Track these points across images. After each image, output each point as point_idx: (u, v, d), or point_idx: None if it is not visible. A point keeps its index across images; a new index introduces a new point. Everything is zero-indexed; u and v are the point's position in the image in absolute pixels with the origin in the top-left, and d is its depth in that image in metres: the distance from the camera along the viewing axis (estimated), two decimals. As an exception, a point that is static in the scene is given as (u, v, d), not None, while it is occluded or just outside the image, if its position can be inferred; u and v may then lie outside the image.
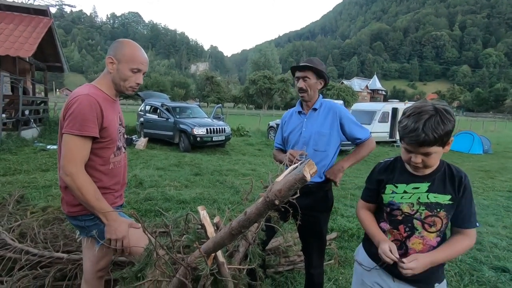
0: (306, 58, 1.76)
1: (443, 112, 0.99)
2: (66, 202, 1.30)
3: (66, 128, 1.17)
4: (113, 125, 1.30)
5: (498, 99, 74.52)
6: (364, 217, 1.26)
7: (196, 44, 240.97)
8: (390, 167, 1.22)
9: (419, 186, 1.11)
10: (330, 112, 1.69)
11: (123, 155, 1.42)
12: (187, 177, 5.44)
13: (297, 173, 0.77)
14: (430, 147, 1.00)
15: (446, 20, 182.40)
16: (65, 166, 1.17)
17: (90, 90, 1.23)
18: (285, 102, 54.20)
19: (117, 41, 1.32)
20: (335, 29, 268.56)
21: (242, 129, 12.75)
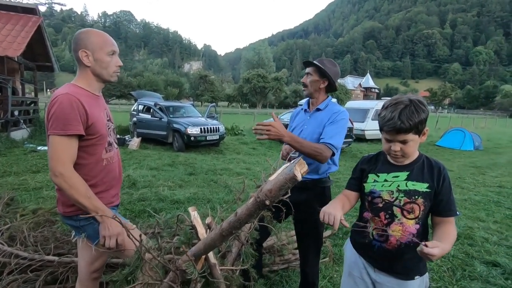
0: (318, 59, 1.76)
1: (417, 102, 1.09)
2: (62, 202, 1.28)
3: (50, 129, 1.16)
4: (100, 120, 1.28)
5: (488, 96, 75.81)
6: (339, 198, 1.29)
7: (189, 43, 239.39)
8: (373, 159, 1.30)
9: (398, 175, 1.18)
10: (328, 114, 1.69)
11: (115, 151, 1.41)
12: (181, 176, 5.40)
13: (288, 172, 0.77)
14: (407, 134, 1.09)
15: (437, 19, 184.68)
16: (53, 167, 1.15)
17: (69, 89, 1.20)
18: (279, 100, 54.25)
19: (79, 33, 1.26)
20: (328, 28, 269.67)
21: (236, 128, 12.72)
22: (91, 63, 1.25)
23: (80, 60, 1.25)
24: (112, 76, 1.32)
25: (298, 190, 1.38)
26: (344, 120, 1.67)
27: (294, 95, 55.85)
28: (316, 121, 1.71)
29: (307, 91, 1.75)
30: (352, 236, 1.36)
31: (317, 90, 1.72)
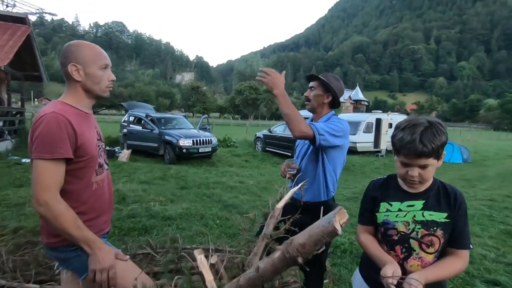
0: (323, 74, 1.72)
1: (437, 124, 1.02)
2: (46, 232, 1.15)
3: (35, 152, 1.04)
4: (90, 141, 1.17)
5: (472, 110, 78.25)
6: (365, 241, 1.18)
7: (181, 54, 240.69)
8: (383, 184, 1.20)
9: (414, 204, 1.09)
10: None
11: (106, 173, 1.29)
12: (172, 191, 5.24)
13: (325, 224, 0.64)
14: (428, 159, 1.00)
15: (422, 35, 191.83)
16: (37, 195, 1.03)
17: (56, 107, 1.09)
18: (270, 112, 54.56)
19: (69, 45, 1.16)
20: (319, 41, 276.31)
21: (228, 140, 12.62)
22: (81, 78, 1.15)
23: (70, 75, 1.14)
24: (105, 92, 1.22)
25: (300, 212, 1.29)
26: (338, 122, 1.59)
27: (285, 106, 56.34)
28: None
29: (309, 106, 1.71)
30: (364, 270, 1.24)
31: (320, 105, 1.68)
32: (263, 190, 5.84)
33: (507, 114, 64.23)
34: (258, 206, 4.64)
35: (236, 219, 3.94)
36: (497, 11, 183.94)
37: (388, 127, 13.19)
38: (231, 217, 4.05)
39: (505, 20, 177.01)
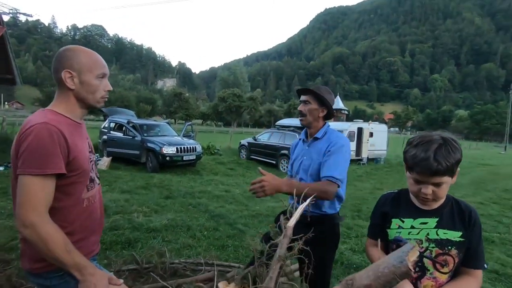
0: (315, 85, 1.70)
1: (451, 141, 0.98)
2: (29, 256, 1.01)
3: (22, 167, 0.92)
4: (82, 153, 1.06)
5: (445, 120, 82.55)
6: (374, 254, 1.15)
7: (163, 60, 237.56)
8: (394, 199, 1.16)
9: (427, 221, 1.06)
10: (327, 142, 1.59)
11: (97, 188, 1.18)
12: (156, 201, 5.05)
13: (396, 263, 0.57)
14: (442, 177, 0.97)
15: (398, 48, 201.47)
16: (23, 215, 0.91)
17: (47, 117, 0.98)
18: (254, 119, 54.81)
19: (65, 50, 1.06)
20: (301, 51, 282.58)
21: (212, 148, 12.46)
22: (75, 86, 1.04)
23: (62, 82, 1.03)
24: (99, 102, 1.11)
25: (306, 226, 1.24)
26: (344, 147, 1.55)
27: (268, 114, 56.81)
28: (315, 151, 1.62)
29: (305, 121, 1.64)
30: None
31: (316, 118, 1.64)
32: (249, 199, 5.76)
33: (476, 125, 68.29)
34: (246, 215, 4.57)
35: (225, 230, 3.84)
36: (465, 29, 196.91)
37: (369, 136, 13.57)
38: (219, 227, 3.94)
39: (472, 37, 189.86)
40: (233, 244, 3.44)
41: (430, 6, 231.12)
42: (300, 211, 1.03)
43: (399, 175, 10.73)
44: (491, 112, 66.65)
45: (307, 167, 1.60)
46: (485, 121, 65.90)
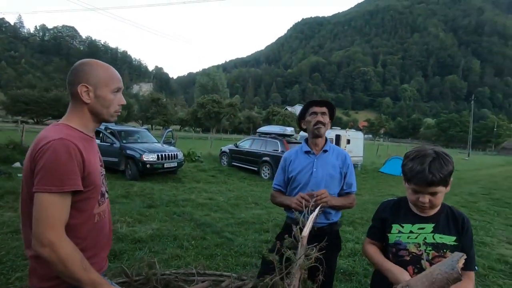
0: (321, 99, 1.81)
1: (443, 155, 1.10)
2: (39, 275, 0.99)
3: (39, 184, 0.90)
4: (95, 168, 1.06)
5: (415, 128, 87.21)
6: (372, 252, 1.27)
7: (139, 64, 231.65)
8: (395, 206, 1.28)
9: (424, 227, 1.17)
10: (339, 157, 1.72)
11: (106, 202, 1.17)
12: (139, 210, 4.92)
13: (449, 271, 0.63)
14: (437, 187, 1.08)
15: (371, 58, 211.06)
16: (41, 234, 0.89)
17: (63, 132, 0.98)
18: (233, 126, 54.69)
19: (81, 64, 1.06)
20: (278, 59, 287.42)
21: (193, 154, 12.30)
22: (90, 100, 1.05)
23: (78, 96, 1.03)
24: (112, 116, 1.12)
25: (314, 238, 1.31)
26: (351, 163, 1.77)
27: (247, 121, 56.96)
28: (326, 163, 1.71)
29: (323, 130, 1.71)
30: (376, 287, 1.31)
31: (326, 130, 1.75)
32: (234, 206, 5.76)
33: (443, 132, 72.72)
34: (232, 223, 4.58)
35: (212, 239, 3.82)
36: (431, 42, 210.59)
37: (346, 143, 14.04)
38: (206, 236, 3.92)
39: (438, 50, 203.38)
40: (222, 252, 3.44)
41: (399, 20, 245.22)
42: (312, 221, 1.09)
43: (375, 181, 11.18)
44: (455, 120, 71.38)
45: (320, 179, 1.67)
46: (450, 129, 70.42)
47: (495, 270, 3.38)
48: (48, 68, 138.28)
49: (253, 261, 3.16)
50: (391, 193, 8.32)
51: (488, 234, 4.76)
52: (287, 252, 0.95)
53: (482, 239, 4.42)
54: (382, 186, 10.05)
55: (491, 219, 5.82)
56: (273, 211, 5.46)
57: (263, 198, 6.69)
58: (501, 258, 3.72)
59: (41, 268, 0.99)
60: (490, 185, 10.82)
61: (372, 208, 6.02)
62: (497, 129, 63.07)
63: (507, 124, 67.33)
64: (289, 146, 9.70)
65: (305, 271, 0.91)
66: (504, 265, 3.53)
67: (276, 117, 52.09)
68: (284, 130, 10.75)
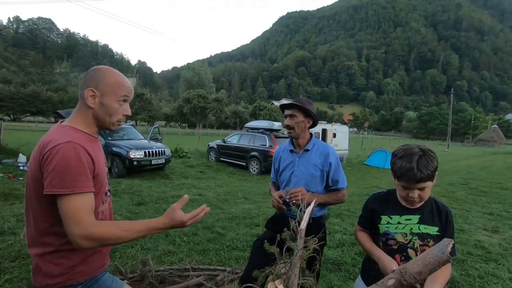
0: (295, 98, 1.82)
1: (428, 152, 1.17)
2: (45, 273, 1.01)
3: (48, 187, 0.93)
4: (102, 168, 1.09)
5: (397, 121, 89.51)
6: (362, 237, 1.37)
7: (121, 58, 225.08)
8: (383, 198, 1.36)
9: (411, 218, 1.26)
10: (322, 155, 1.75)
11: (109, 199, 1.20)
12: (128, 207, 4.88)
13: (440, 254, 0.75)
14: (425, 183, 1.16)
15: (355, 53, 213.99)
16: (72, 234, 0.93)
17: (70, 135, 0.99)
18: (219, 121, 54.34)
19: (95, 71, 1.09)
20: (264, 53, 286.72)
21: (181, 150, 12.19)
22: (95, 105, 1.07)
23: (85, 99, 1.07)
24: (114, 125, 1.13)
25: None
26: (337, 158, 1.79)
27: (234, 116, 56.73)
28: (307, 162, 1.76)
29: (294, 133, 1.76)
30: (367, 276, 1.37)
31: (303, 130, 1.78)
32: (223, 202, 5.80)
33: (424, 125, 75.05)
34: (222, 218, 4.62)
35: (204, 234, 3.86)
36: (412, 37, 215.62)
37: (333, 136, 14.29)
38: (198, 232, 3.94)
39: (419, 45, 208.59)
40: (214, 247, 3.49)
41: (382, 14, 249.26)
42: (309, 214, 1.15)
43: (360, 174, 11.48)
44: (435, 113, 73.79)
45: (299, 178, 1.73)
46: (431, 122, 72.77)
47: (473, 255, 3.60)
48: (24, 62, 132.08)
49: (246, 255, 3.22)
50: (376, 185, 8.58)
51: (466, 221, 5.02)
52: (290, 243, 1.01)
53: (460, 227, 4.66)
54: (367, 178, 10.34)
55: (469, 207, 6.13)
56: (263, 205, 5.54)
57: (253, 192, 6.77)
58: (478, 244, 3.95)
59: (46, 266, 1.01)
60: (468, 175, 11.34)
61: (358, 200, 6.22)
62: (474, 121, 65.80)
63: (483, 116, 70.33)
64: (277, 141, 9.80)
65: (304, 261, 0.98)
66: (481, 250, 3.76)
67: (263, 111, 52.16)
68: (271, 125, 10.82)
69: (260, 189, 7.29)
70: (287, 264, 0.91)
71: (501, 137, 52.19)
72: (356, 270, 3.04)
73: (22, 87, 42.30)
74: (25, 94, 39.13)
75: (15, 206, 4.57)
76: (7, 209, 4.34)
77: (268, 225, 1.89)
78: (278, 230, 1.24)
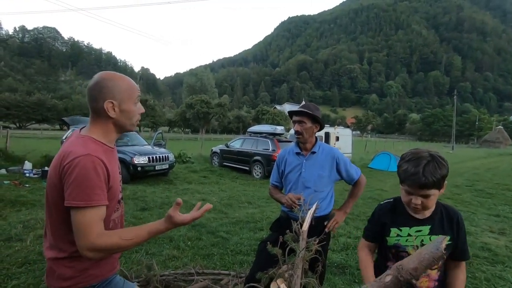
0: (303, 104, 1.88)
1: (438, 158, 1.11)
2: (57, 276, 1.04)
3: (69, 199, 0.96)
4: (116, 179, 1.12)
5: (400, 123, 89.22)
6: (363, 258, 1.32)
7: (125, 65, 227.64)
8: (392, 209, 1.30)
9: (421, 229, 1.21)
10: (328, 156, 1.82)
11: (121, 207, 1.23)
12: (133, 213, 4.90)
13: (434, 250, 0.76)
14: (429, 190, 1.10)
15: (357, 56, 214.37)
16: (81, 246, 0.96)
17: (89, 147, 1.02)
18: (222, 126, 54.51)
19: (104, 80, 1.07)
20: (266, 58, 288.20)
21: (184, 156, 12.24)
22: (116, 114, 1.09)
23: (103, 111, 1.07)
24: (134, 125, 1.16)
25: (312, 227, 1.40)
26: (342, 154, 1.90)
27: (237, 120, 56.90)
28: (314, 163, 1.81)
29: (302, 139, 1.82)
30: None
31: (311, 135, 1.84)
32: (227, 206, 5.81)
33: (427, 127, 74.63)
34: (226, 223, 4.63)
35: (208, 239, 3.87)
36: (414, 39, 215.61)
37: (336, 140, 14.27)
38: (202, 237, 3.95)
39: (421, 47, 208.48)
40: (218, 252, 3.49)
41: (383, 18, 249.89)
42: (310, 216, 1.16)
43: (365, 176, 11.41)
44: (439, 115, 73.42)
45: (307, 180, 1.77)
46: (435, 124, 72.37)
47: (479, 257, 3.56)
48: (30, 71, 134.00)
49: (250, 259, 3.23)
50: (380, 188, 8.54)
51: (472, 224, 4.98)
52: (293, 244, 1.02)
53: (467, 229, 4.58)
54: (371, 181, 10.28)
55: (475, 209, 6.07)
56: (266, 209, 5.54)
57: (256, 197, 6.77)
58: (484, 246, 3.91)
59: (60, 269, 1.04)
60: (473, 177, 11.23)
61: (362, 203, 6.19)
62: (479, 123, 65.28)
63: (488, 117, 69.78)
64: (280, 145, 9.81)
65: (306, 262, 0.99)
66: (488, 253, 3.72)
67: (266, 116, 52.22)
68: (274, 129, 10.84)
69: (263, 193, 7.29)
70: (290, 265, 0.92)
71: (506, 138, 51.63)
72: (360, 274, 3.02)
73: (28, 95, 42.97)
74: (30, 102, 39.71)
75: (22, 212, 4.62)
76: (13, 216, 4.39)
77: (273, 227, 1.92)
78: (283, 232, 1.25)
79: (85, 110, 43.91)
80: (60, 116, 35.48)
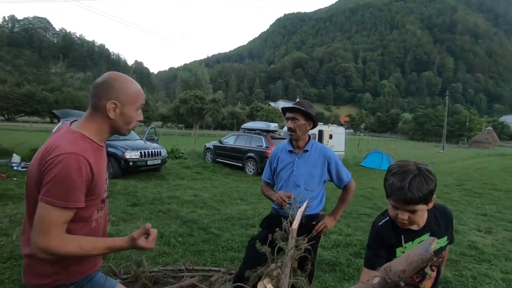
0: (296, 101, 1.85)
1: (425, 172, 1.05)
2: (38, 273, 1.01)
3: (45, 195, 0.92)
4: (102, 178, 1.08)
5: (393, 122, 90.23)
6: None
7: (118, 58, 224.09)
8: (391, 229, 1.20)
9: (422, 239, 1.15)
10: (321, 155, 1.81)
11: (105, 206, 1.19)
12: (123, 208, 4.85)
13: (424, 253, 0.75)
14: (416, 205, 1.05)
15: (352, 55, 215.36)
16: (37, 241, 0.92)
17: (78, 145, 0.98)
18: (216, 122, 54.27)
19: (113, 80, 1.06)
20: (261, 55, 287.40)
21: (177, 151, 12.14)
22: (115, 116, 1.06)
23: (103, 110, 1.04)
24: (129, 131, 1.14)
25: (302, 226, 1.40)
26: (335, 155, 1.87)
27: (231, 117, 56.70)
28: (307, 162, 1.80)
29: (295, 135, 1.80)
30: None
31: (304, 132, 1.82)
32: (220, 203, 5.79)
33: (420, 127, 75.64)
34: (218, 219, 4.61)
35: (199, 235, 3.85)
36: (408, 40, 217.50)
37: (329, 138, 14.34)
38: (193, 233, 3.93)
39: (414, 47, 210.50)
40: (209, 248, 3.48)
41: (379, 17, 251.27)
42: (300, 214, 1.15)
43: (357, 174, 11.50)
44: (431, 115, 74.41)
45: (299, 178, 1.76)
46: (427, 124, 73.36)
47: (466, 255, 3.63)
48: (19, 62, 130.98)
49: (241, 256, 3.22)
50: (371, 186, 8.62)
51: (460, 222, 5.06)
52: (281, 243, 1.01)
53: (454, 228, 4.69)
54: (363, 179, 10.38)
55: (463, 208, 6.18)
56: (258, 206, 5.54)
57: (249, 193, 6.76)
58: (471, 245, 3.99)
59: (39, 265, 1.01)
60: (463, 176, 11.44)
61: (353, 201, 6.24)
62: (469, 123, 66.40)
63: (478, 118, 71.03)
64: (274, 142, 9.81)
65: (295, 261, 0.98)
66: (474, 251, 3.79)
67: (260, 112, 52.12)
68: (268, 126, 10.82)
69: (256, 190, 7.29)
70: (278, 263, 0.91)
71: (495, 139, 52.68)
72: (351, 271, 3.05)
73: (17, 87, 42.06)
74: (20, 94, 38.85)
75: (8, 206, 4.52)
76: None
77: (263, 224, 1.91)
78: (273, 229, 1.24)
79: (76, 103, 43.35)
80: (51, 108, 34.82)
